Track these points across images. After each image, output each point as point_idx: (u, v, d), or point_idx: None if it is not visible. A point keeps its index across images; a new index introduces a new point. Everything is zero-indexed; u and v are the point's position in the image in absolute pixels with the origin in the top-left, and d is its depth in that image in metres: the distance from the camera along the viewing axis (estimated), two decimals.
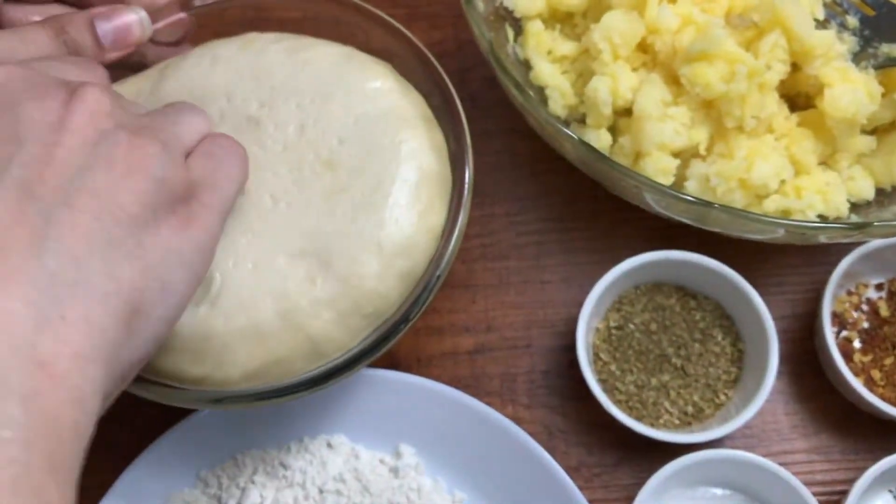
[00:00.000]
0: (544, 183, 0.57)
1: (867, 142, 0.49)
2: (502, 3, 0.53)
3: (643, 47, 0.50)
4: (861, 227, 0.43)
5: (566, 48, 0.52)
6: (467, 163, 0.42)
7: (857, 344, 0.51)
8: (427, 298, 0.39)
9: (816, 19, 0.48)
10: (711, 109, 0.48)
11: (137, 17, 0.41)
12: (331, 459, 0.47)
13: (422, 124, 0.42)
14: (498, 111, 0.57)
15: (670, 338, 0.50)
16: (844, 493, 0.47)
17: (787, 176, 0.48)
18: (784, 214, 0.47)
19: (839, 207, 0.48)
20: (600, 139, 0.50)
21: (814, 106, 0.49)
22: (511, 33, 0.53)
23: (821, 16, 0.50)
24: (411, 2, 0.61)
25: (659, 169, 0.48)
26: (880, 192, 0.50)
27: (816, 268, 0.54)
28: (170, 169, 0.32)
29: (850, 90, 0.46)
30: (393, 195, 0.39)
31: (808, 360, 0.52)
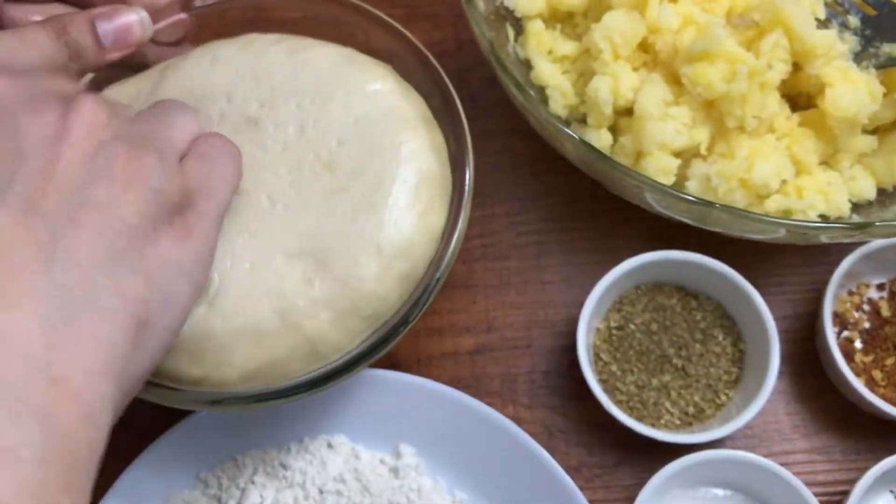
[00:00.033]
0: (544, 183, 0.57)
1: (868, 141, 0.49)
2: (503, 3, 0.53)
3: (644, 47, 0.50)
4: (862, 227, 0.43)
5: (567, 48, 0.52)
6: (468, 164, 0.42)
7: (859, 344, 0.51)
8: (427, 301, 0.39)
9: (818, 19, 0.48)
10: (712, 109, 0.48)
11: (138, 18, 0.41)
12: (331, 460, 0.47)
13: (422, 125, 0.42)
14: (498, 111, 0.57)
15: (671, 338, 0.50)
16: (846, 494, 0.47)
17: (789, 176, 0.48)
18: (785, 214, 0.47)
19: (840, 207, 0.48)
20: (601, 139, 0.50)
21: (815, 106, 0.49)
22: (511, 33, 0.53)
23: (822, 15, 0.50)
24: (411, 2, 0.61)
25: (660, 169, 0.48)
26: (881, 192, 0.50)
27: (817, 268, 0.54)
28: (166, 179, 0.32)
29: (852, 90, 0.46)
30: (392, 196, 0.39)
31: (810, 361, 0.52)
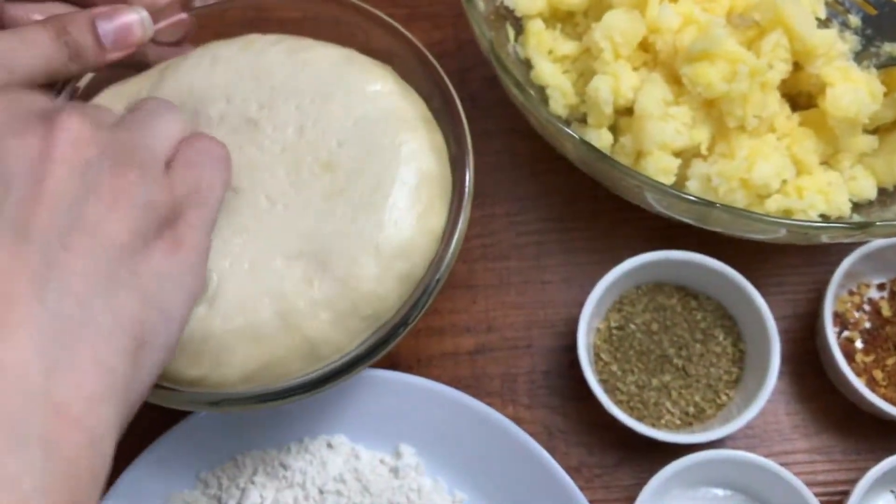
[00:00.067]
0: (545, 183, 0.57)
1: (869, 141, 0.49)
2: (503, 3, 0.53)
3: (644, 46, 0.50)
4: (863, 227, 0.43)
5: (567, 47, 0.52)
6: (468, 165, 0.41)
7: (859, 344, 0.51)
8: (427, 301, 0.39)
9: (818, 18, 0.48)
10: (713, 109, 0.48)
11: (139, 17, 0.40)
12: (331, 460, 0.47)
13: (422, 126, 0.42)
14: (498, 111, 0.57)
15: (671, 338, 0.50)
16: (846, 494, 0.47)
17: (789, 176, 0.48)
18: (786, 214, 0.47)
19: (841, 207, 0.48)
20: (601, 139, 0.50)
21: (815, 105, 0.49)
22: (512, 33, 0.53)
23: (822, 15, 0.49)
24: (411, 1, 0.61)
25: (660, 168, 0.47)
26: (882, 192, 0.50)
27: (818, 268, 0.54)
28: (154, 192, 0.32)
29: (852, 90, 0.46)
30: (392, 197, 0.39)
31: (810, 361, 0.52)
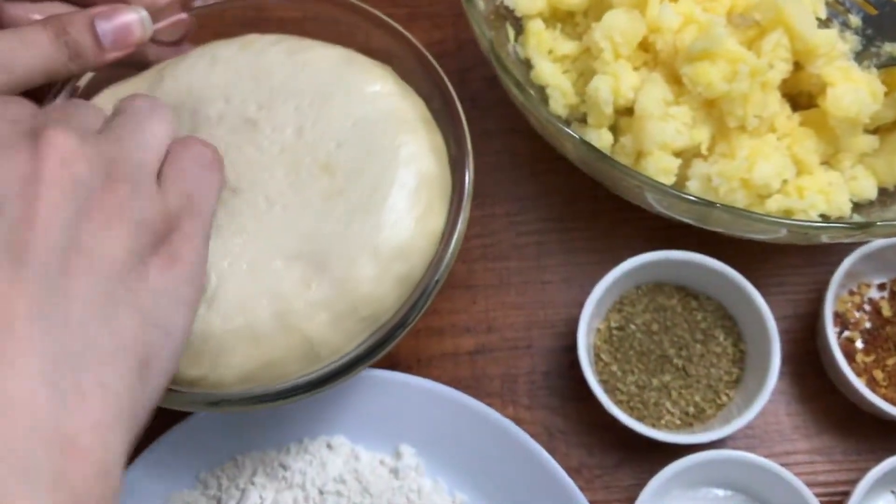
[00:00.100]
0: (545, 183, 0.57)
1: (869, 141, 0.49)
2: (503, 3, 0.53)
3: (644, 46, 0.50)
4: (864, 227, 0.43)
5: (567, 47, 0.52)
6: (467, 166, 0.41)
7: (860, 344, 0.51)
8: (425, 303, 0.39)
9: (819, 18, 0.48)
10: (713, 109, 0.48)
11: (138, 17, 0.40)
12: (331, 460, 0.47)
13: (422, 127, 0.42)
14: (498, 111, 0.57)
15: (671, 338, 0.50)
16: (847, 494, 0.47)
17: (790, 176, 0.48)
18: (786, 214, 0.47)
19: (841, 207, 0.48)
20: (601, 139, 0.50)
21: (816, 105, 0.48)
22: (512, 32, 0.53)
23: (823, 15, 0.49)
24: (411, 1, 0.61)
25: (660, 168, 0.47)
26: (883, 192, 0.50)
27: (818, 268, 0.54)
28: (147, 207, 0.31)
29: (853, 89, 0.46)
30: (391, 198, 0.39)
31: (810, 361, 0.52)
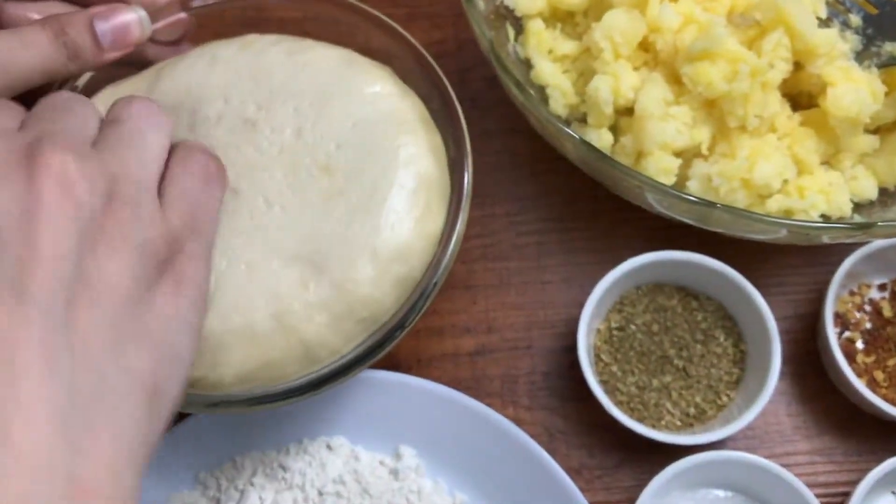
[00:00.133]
0: (545, 183, 0.57)
1: (870, 141, 0.49)
2: (503, 2, 0.53)
3: (645, 46, 0.50)
4: (864, 228, 0.43)
5: (567, 47, 0.52)
6: (466, 168, 0.41)
7: (860, 345, 0.51)
8: (424, 304, 0.39)
9: (819, 18, 0.48)
10: (713, 109, 0.48)
11: (137, 17, 0.40)
12: (330, 461, 0.47)
13: (421, 128, 0.42)
14: (498, 111, 0.57)
15: (672, 339, 0.50)
16: (847, 495, 0.47)
17: (790, 176, 0.48)
18: (787, 214, 0.47)
19: (842, 207, 0.48)
20: (601, 139, 0.50)
21: (816, 105, 0.48)
22: (512, 32, 0.53)
23: (823, 14, 0.49)
24: (411, 1, 0.61)
25: (661, 169, 0.47)
26: (883, 192, 0.50)
27: (818, 268, 0.54)
28: (149, 229, 0.31)
29: (853, 89, 0.46)
30: (390, 200, 0.39)
31: (811, 361, 0.52)
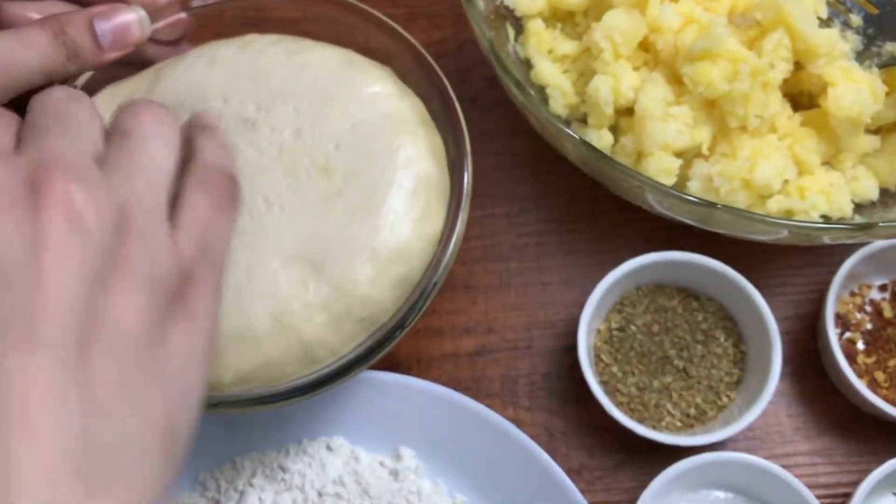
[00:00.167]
0: (545, 183, 0.57)
1: (871, 141, 0.49)
2: (503, 2, 0.53)
3: (645, 46, 0.50)
4: (865, 228, 0.42)
5: (567, 47, 0.52)
6: (466, 168, 0.41)
7: (861, 345, 0.51)
8: (423, 305, 0.39)
9: (820, 18, 0.48)
10: (714, 109, 0.48)
11: (137, 17, 0.40)
12: (330, 462, 0.46)
13: (420, 129, 0.42)
14: (498, 111, 0.57)
15: (672, 339, 0.50)
16: (848, 496, 0.46)
17: (791, 176, 0.47)
18: (787, 215, 0.47)
19: (843, 208, 0.48)
20: (602, 139, 0.50)
21: (817, 105, 0.48)
22: (512, 32, 0.53)
23: (824, 14, 0.49)
24: (411, 1, 0.61)
25: (661, 169, 0.47)
26: (884, 193, 0.50)
27: (819, 269, 0.53)
28: (161, 260, 0.28)
29: (854, 89, 0.46)
30: (389, 201, 0.39)
31: (811, 362, 0.52)
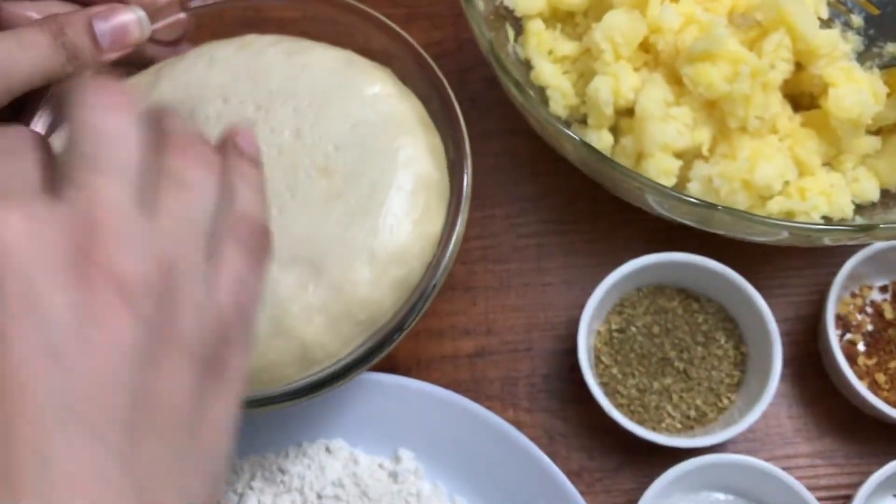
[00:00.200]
0: (545, 184, 0.56)
1: (872, 142, 0.49)
2: (503, 3, 0.52)
3: (645, 47, 0.49)
4: (866, 230, 0.42)
5: (567, 48, 0.52)
6: (466, 169, 0.41)
7: (861, 347, 0.51)
8: (423, 306, 0.39)
9: (820, 18, 0.48)
10: (714, 110, 0.48)
11: (136, 17, 0.40)
12: (329, 464, 0.46)
13: (420, 130, 0.41)
14: (498, 112, 0.57)
15: (672, 341, 0.50)
16: (849, 498, 0.46)
17: (791, 177, 0.47)
18: (788, 216, 0.47)
19: (844, 209, 0.48)
20: (602, 140, 0.50)
21: (818, 106, 0.48)
22: (511, 33, 0.53)
23: (825, 15, 0.49)
24: (411, 1, 0.61)
25: (661, 170, 0.47)
26: (885, 194, 0.49)
27: (820, 270, 0.53)
28: (205, 325, 0.26)
29: (855, 90, 0.46)
30: (388, 202, 0.39)
31: (812, 363, 0.52)
